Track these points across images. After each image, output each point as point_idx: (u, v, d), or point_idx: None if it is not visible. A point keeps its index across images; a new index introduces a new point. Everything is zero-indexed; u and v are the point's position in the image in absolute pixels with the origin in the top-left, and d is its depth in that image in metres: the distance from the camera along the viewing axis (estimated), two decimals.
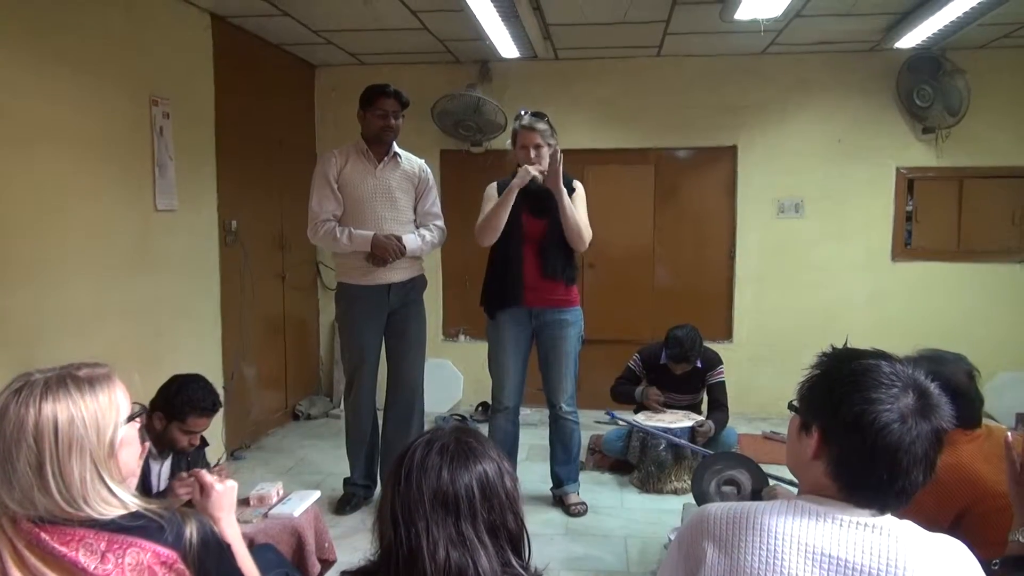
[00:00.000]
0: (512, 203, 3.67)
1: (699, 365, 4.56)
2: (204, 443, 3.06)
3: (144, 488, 2.81)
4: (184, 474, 2.93)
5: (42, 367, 1.45)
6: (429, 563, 1.18)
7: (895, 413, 1.26)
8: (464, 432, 1.32)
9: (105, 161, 3.65)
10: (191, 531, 1.43)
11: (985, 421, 2.31)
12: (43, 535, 1.36)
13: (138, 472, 1.53)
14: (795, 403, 1.41)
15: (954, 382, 1.93)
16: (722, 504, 1.40)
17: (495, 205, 3.72)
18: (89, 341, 3.46)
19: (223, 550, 1.51)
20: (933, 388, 1.31)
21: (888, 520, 1.29)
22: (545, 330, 3.87)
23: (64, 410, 1.38)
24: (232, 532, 1.69)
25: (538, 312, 3.84)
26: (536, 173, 3.65)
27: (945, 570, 1.25)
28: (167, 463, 2.96)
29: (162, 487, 2.84)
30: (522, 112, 3.81)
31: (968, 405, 2.07)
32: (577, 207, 3.76)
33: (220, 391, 3.05)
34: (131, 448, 1.50)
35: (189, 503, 2.84)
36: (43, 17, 3.25)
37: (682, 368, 4.52)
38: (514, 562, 1.25)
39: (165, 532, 1.40)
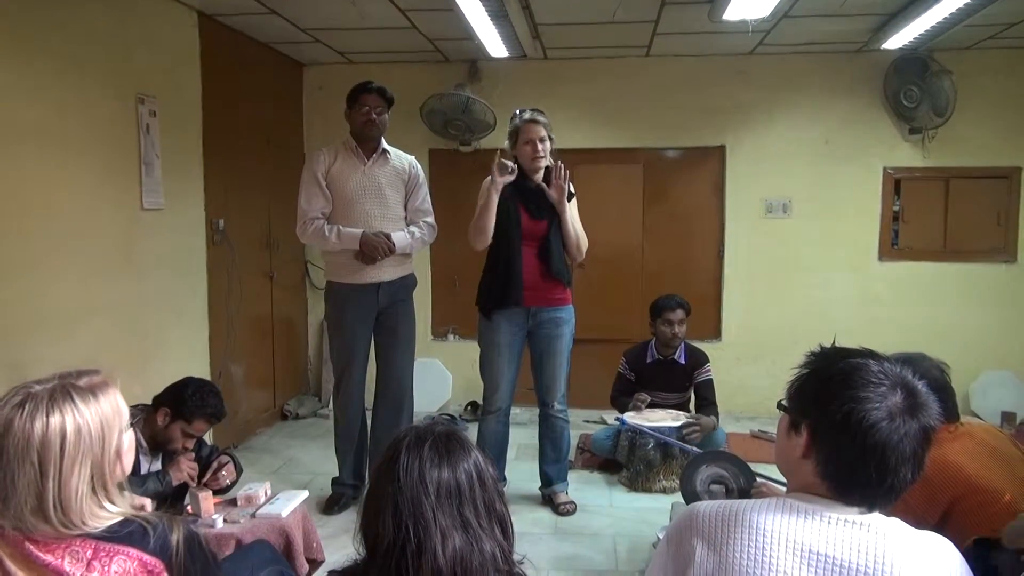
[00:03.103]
0: (495, 205, 3.68)
1: (683, 361, 4.58)
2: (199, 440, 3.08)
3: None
4: (192, 453, 2.96)
5: (38, 377, 1.42)
6: (440, 552, 1.22)
7: (883, 411, 1.27)
8: (442, 425, 1.38)
9: (91, 159, 3.62)
10: (177, 538, 1.41)
11: (967, 418, 2.34)
12: (28, 544, 1.34)
13: (129, 470, 1.52)
14: (784, 402, 1.42)
15: (930, 379, 1.96)
16: (711, 502, 1.40)
17: (480, 209, 3.72)
18: (75, 341, 3.44)
19: (207, 557, 1.50)
20: (921, 386, 1.32)
21: (876, 518, 1.30)
22: (542, 328, 3.87)
23: (72, 421, 1.35)
24: None
25: (535, 311, 3.84)
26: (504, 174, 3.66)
27: (931, 567, 1.26)
28: (157, 461, 2.96)
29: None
30: (518, 112, 3.81)
31: (947, 399, 2.11)
32: (575, 216, 3.83)
33: None
34: (130, 454, 1.49)
35: (184, 486, 2.86)
36: (25, 14, 3.21)
37: (679, 319, 4.54)
38: (505, 545, 1.31)
39: (150, 539, 1.38)
